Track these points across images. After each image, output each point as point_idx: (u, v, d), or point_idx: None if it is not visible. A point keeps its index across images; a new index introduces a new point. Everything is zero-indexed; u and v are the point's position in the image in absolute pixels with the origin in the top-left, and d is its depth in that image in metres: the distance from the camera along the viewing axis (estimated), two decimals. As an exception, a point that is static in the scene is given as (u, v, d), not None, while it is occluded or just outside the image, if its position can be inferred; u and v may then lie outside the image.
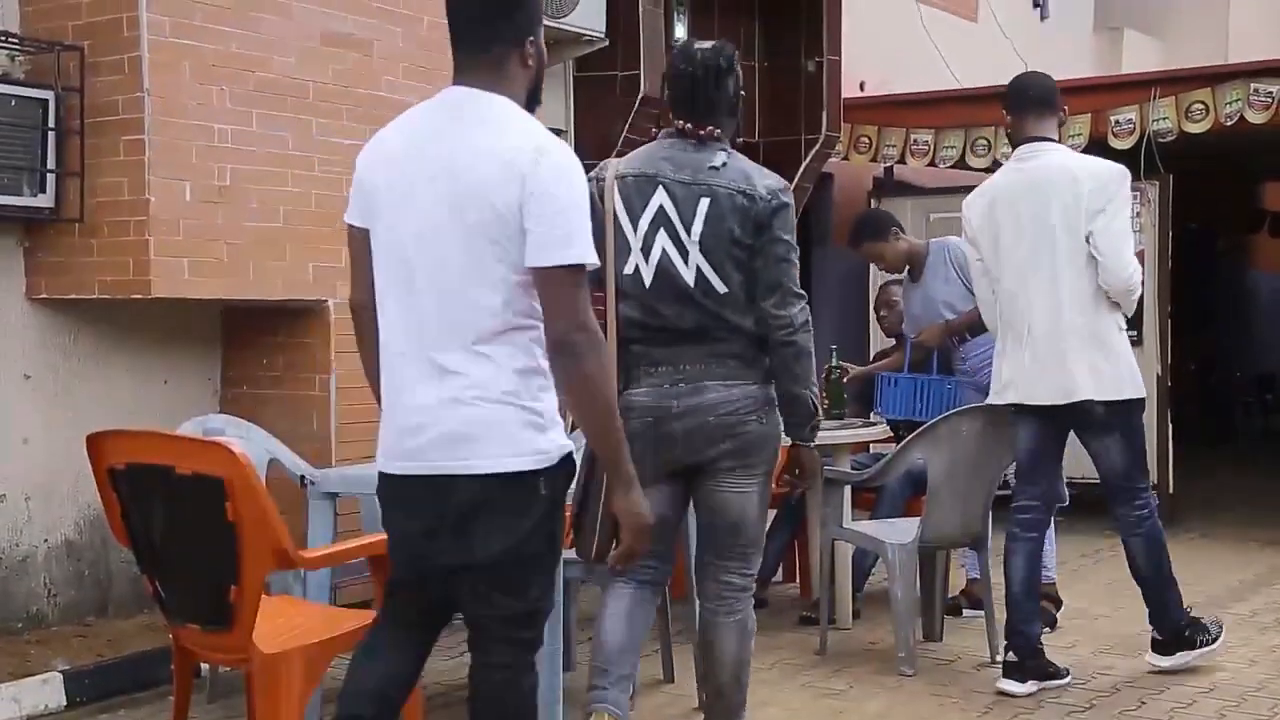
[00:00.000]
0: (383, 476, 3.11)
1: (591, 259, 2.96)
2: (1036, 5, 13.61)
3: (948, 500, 5.49)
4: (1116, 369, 5.14)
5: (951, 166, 9.58)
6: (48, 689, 4.91)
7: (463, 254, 2.95)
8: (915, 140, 9.51)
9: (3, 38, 5.42)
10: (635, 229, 3.92)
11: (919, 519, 5.58)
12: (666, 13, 8.14)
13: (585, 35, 7.34)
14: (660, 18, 7.90)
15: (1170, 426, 8.99)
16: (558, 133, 3.81)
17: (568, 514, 3.30)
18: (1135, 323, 7.21)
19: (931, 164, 9.59)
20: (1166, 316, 9.05)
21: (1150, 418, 7.34)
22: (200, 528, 3.77)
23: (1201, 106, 8.50)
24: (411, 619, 3.20)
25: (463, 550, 2.98)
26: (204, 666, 4.86)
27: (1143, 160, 8.47)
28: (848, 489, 5.86)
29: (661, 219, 3.90)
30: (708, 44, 4.04)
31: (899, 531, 5.59)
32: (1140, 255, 6.45)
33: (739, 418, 3.87)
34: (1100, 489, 5.39)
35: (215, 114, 5.59)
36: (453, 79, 3.09)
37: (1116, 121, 8.71)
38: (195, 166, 5.53)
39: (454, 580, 3.05)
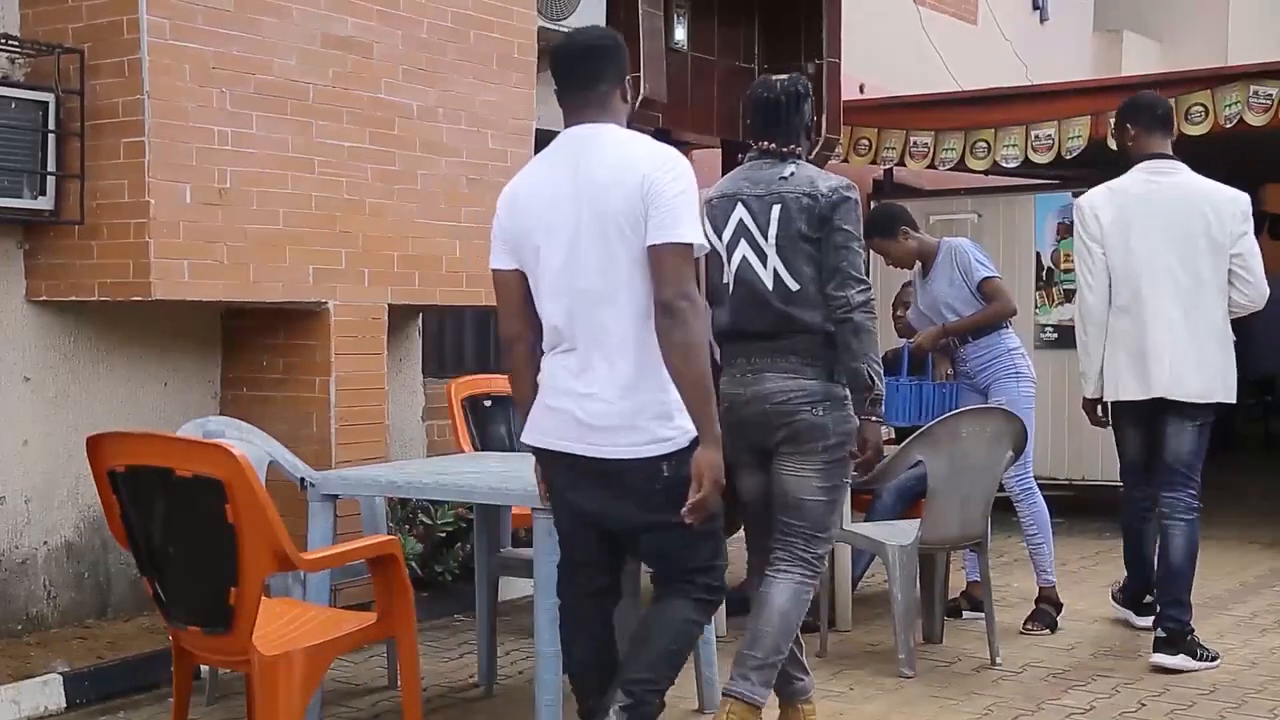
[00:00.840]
0: (530, 447, 3.78)
1: (698, 240, 3.55)
2: (1036, 7, 13.63)
3: (947, 502, 5.49)
4: (1234, 374, 5.62)
5: (951, 169, 9.58)
6: (47, 691, 4.90)
7: (605, 260, 3.52)
8: (915, 142, 9.50)
9: (3, 40, 5.42)
10: (722, 243, 4.40)
11: (919, 520, 5.58)
12: (666, 15, 8.14)
13: (585, 37, 7.33)
14: (660, 19, 7.90)
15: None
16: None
17: None
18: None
19: (931, 166, 9.59)
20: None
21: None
22: (200, 529, 3.77)
23: (1201, 109, 8.49)
24: (590, 558, 3.83)
25: (609, 513, 3.67)
26: (203, 668, 4.86)
27: (1142, 162, 8.46)
28: (847, 491, 5.86)
29: (741, 230, 4.36)
30: (783, 76, 4.51)
31: (899, 533, 5.59)
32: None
33: (793, 406, 4.24)
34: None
35: (215, 116, 5.59)
36: (565, 122, 3.65)
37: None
38: (195, 169, 5.53)
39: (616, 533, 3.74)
